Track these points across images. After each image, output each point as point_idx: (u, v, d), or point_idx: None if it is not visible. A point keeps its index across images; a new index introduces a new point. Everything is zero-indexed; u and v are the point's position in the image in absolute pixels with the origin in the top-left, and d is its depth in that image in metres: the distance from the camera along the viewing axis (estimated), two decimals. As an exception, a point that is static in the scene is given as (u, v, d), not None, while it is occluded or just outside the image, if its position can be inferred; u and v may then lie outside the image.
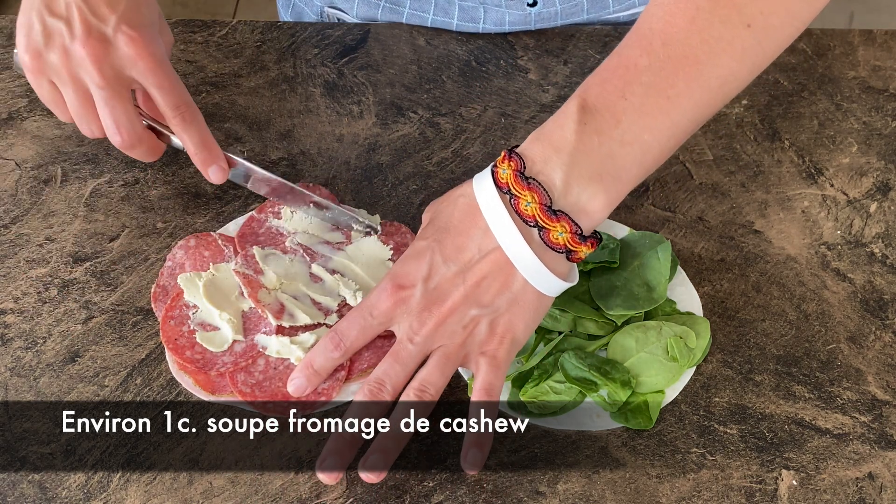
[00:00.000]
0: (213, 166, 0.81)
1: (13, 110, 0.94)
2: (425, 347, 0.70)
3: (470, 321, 0.70)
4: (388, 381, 0.70)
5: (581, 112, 0.68)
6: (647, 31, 0.71)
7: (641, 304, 0.77)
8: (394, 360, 0.70)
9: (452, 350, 0.70)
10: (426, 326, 0.70)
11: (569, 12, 1.00)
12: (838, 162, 0.91)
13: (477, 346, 0.71)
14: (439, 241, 0.71)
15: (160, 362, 0.77)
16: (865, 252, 0.84)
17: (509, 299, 0.70)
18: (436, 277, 0.70)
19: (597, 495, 0.70)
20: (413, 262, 0.71)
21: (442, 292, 0.70)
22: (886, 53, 1.00)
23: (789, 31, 0.73)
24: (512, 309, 0.70)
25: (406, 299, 0.70)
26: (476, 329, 0.70)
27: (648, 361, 0.74)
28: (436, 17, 1.00)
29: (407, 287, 0.70)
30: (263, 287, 0.78)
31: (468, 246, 0.70)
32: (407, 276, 0.71)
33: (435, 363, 0.70)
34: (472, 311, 0.70)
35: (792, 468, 0.72)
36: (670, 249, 0.78)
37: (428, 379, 0.70)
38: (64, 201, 0.87)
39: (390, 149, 0.92)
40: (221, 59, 0.99)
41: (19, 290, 0.81)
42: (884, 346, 0.78)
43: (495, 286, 0.70)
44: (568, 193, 0.68)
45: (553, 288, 0.70)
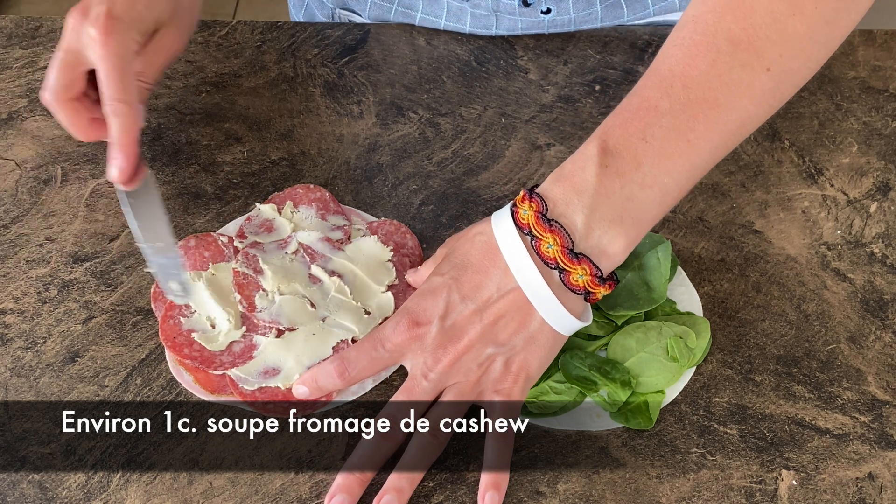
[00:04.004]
0: (114, 165, 0.76)
1: (13, 110, 0.94)
2: (439, 384, 0.70)
3: (485, 359, 0.70)
4: (401, 418, 0.69)
5: (602, 154, 0.68)
6: (668, 74, 0.70)
7: (641, 304, 0.77)
8: (406, 397, 0.70)
9: (467, 388, 0.70)
10: (441, 363, 0.70)
11: (583, 20, 1.00)
12: (838, 162, 0.91)
13: (491, 384, 0.71)
14: (456, 278, 0.70)
15: (160, 362, 0.77)
16: (865, 252, 0.84)
17: (525, 338, 0.70)
18: (453, 315, 0.70)
19: (597, 495, 0.70)
20: (430, 298, 0.71)
21: (458, 329, 0.70)
22: (886, 53, 1.00)
23: (805, 74, 0.73)
24: (528, 348, 0.70)
25: (422, 336, 0.70)
26: (491, 367, 0.70)
27: (648, 361, 0.74)
28: (448, 22, 1.00)
29: (423, 324, 0.70)
30: (261, 288, 0.78)
31: (486, 285, 0.70)
32: (424, 313, 0.70)
33: (449, 401, 0.70)
34: (488, 350, 0.70)
35: (792, 468, 0.72)
36: (670, 249, 0.78)
37: (442, 416, 0.69)
38: (64, 201, 0.87)
39: (390, 149, 0.92)
40: (221, 59, 0.99)
41: (19, 290, 0.81)
42: (884, 346, 0.78)
43: (512, 325, 0.69)
44: (589, 236, 0.68)
45: (569, 328, 0.70)
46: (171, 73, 0.97)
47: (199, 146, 0.91)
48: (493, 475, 0.69)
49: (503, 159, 0.91)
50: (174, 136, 0.92)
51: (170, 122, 0.93)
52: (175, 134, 0.92)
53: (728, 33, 0.69)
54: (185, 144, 0.92)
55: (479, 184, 0.89)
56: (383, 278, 0.80)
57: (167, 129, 0.93)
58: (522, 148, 0.92)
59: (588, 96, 0.96)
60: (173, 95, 0.95)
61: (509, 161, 0.91)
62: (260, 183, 0.88)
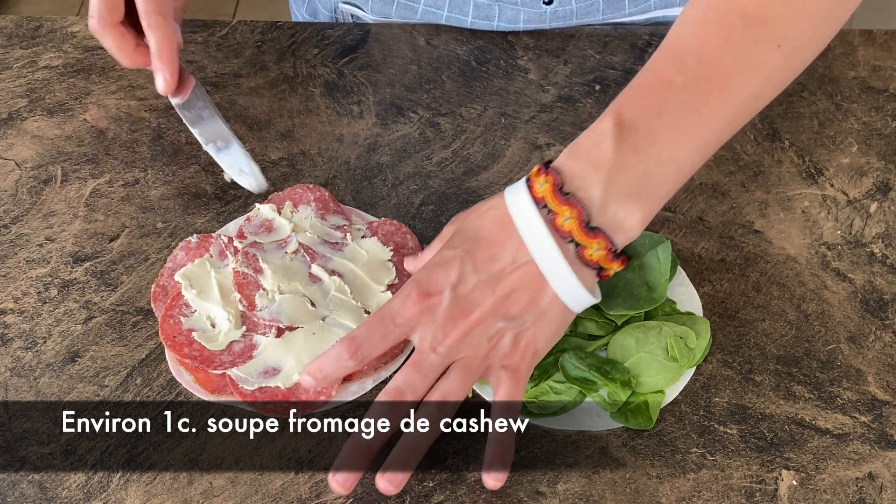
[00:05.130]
0: (159, 78, 0.82)
1: (13, 110, 0.94)
2: (448, 358, 0.69)
3: (495, 333, 0.69)
4: (409, 392, 0.68)
5: (618, 129, 0.68)
6: (681, 49, 0.71)
7: (641, 304, 0.76)
8: (415, 370, 0.69)
9: (475, 362, 0.69)
10: (450, 337, 0.69)
11: (584, 12, 1.00)
12: (838, 162, 0.91)
13: (499, 359, 0.70)
14: (470, 250, 0.69)
15: (160, 362, 0.77)
16: (865, 252, 0.84)
17: (536, 313, 0.69)
18: (465, 285, 0.69)
19: (597, 495, 0.70)
20: (441, 269, 0.69)
21: (470, 301, 0.69)
22: (886, 53, 1.00)
23: (814, 51, 0.74)
24: (537, 323, 0.70)
25: (433, 307, 0.69)
26: (500, 342, 0.70)
27: (648, 361, 0.74)
28: (450, 14, 1.00)
29: (434, 294, 0.69)
30: (261, 287, 0.78)
31: (501, 257, 0.69)
32: (435, 283, 0.69)
33: (456, 375, 0.69)
34: (498, 324, 0.69)
35: (792, 468, 0.72)
36: (670, 249, 0.78)
37: (449, 391, 0.69)
38: (64, 201, 0.87)
39: (390, 149, 0.92)
40: (221, 59, 0.99)
41: (19, 290, 0.81)
42: (884, 346, 0.78)
43: (524, 299, 0.69)
44: (606, 210, 0.68)
45: (580, 304, 0.70)
46: (171, 73, 0.97)
47: (199, 146, 0.91)
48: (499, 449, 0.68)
49: (503, 159, 0.91)
50: (174, 136, 0.92)
51: (170, 122, 0.93)
52: (175, 134, 0.92)
53: (741, 10, 0.70)
54: (185, 144, 0.92)
55: (479, 184, 0.89)
56: (383, 278, 0.80)
57: (167, 129, 0.93)
58: (522, 148, 0.92)
59: (588, 96, 0.96)
60: (173, 95, 0.95)
61: (509, 161, 0.91)
62: (260, 183, 0.88)
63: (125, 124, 0.93)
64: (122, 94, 0.96)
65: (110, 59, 0.98)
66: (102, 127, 0.93)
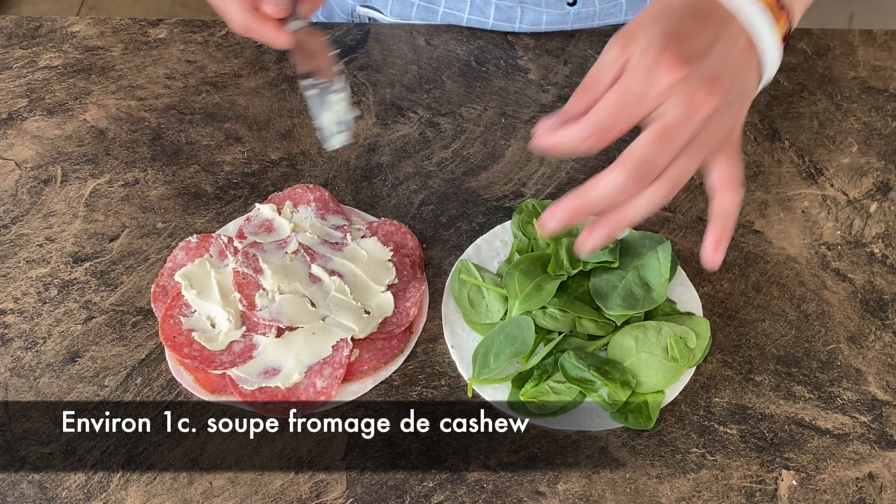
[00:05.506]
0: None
1: (13, 110, 0.94)
2: (697, 131, 0.63)
3: (727, 109, 0.64)
4: (655, 166, 0.62)
5: None
6: None
7: (641, 304, 0.77)
8: (665, 143, 0.61)
9: (707, 141, 0.64)
10: (705, 108, 0.62)
11: (607, 12, 1.00)
12: (838, 162, 0.91)
13: (721, 142, 0.66)
14: (692, 25, 0.64)
15: (160, 362, 0.77)
16: (865, 252, 0.84)
17: (748, 93, 0.66)
18: (715, 53, 0.63)
19: (597, 495, 0.70)
20: (690, 35, 0.63)
21: (716, 72, 0.63)
22: (886, 53, 1.00)
23: None
24: (744, 105, 0.67)
25: (689, 76, 0.61)
26: (729, 119, 0.65)
27: (648, 361, 0.74)
28: (471, 16, 1.00)
29: (694, 60, 0.62)
30: (261, 287, 0.78)
31: (721, 35, 0.64)
32: (690, 45, 0.62)
33: (691, 153, 0.63)
34: (729, 98, 0.64)
35: (792, 468, 0.72)
36: (670, 249, 0.78)
37: (687, 169, 0.63)
38: (64, 201, 0.87)
39: (390, 149, 0.92)
40: (221, 59, 0.99)
41: (19, 290, 0.81)
42: (884, 346, 0.78)
43: (751, 77, 0.66)
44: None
45: (758, 88, 0.68)
46: (171, 73, 0.97)
47: (199, 146, 0.91)
48: (720, 230, 0.66)
49: (503, 159, 0.91)
50: (174, 136, 0.92)
51: (170, 122, 0.93)
52: (175, 134, 0.92)
53: None
54: (185, 144, 0.92)
55: (479, 184, 0.89)
56: (383, 278, 0.80)
57: (167, 129, 0.93)
58: (522, 148, 0.92)
59: (588, 96, 0.96)
60: (173, 95, 0.95)
61: (509, 161, 0.91)
62: (260, 183, 0.88)
63: (125, 124, 0.93)
64: (122, 94, 0.96)
65: (110, 59, 0.98)
66: (102, 127, 0.93)
